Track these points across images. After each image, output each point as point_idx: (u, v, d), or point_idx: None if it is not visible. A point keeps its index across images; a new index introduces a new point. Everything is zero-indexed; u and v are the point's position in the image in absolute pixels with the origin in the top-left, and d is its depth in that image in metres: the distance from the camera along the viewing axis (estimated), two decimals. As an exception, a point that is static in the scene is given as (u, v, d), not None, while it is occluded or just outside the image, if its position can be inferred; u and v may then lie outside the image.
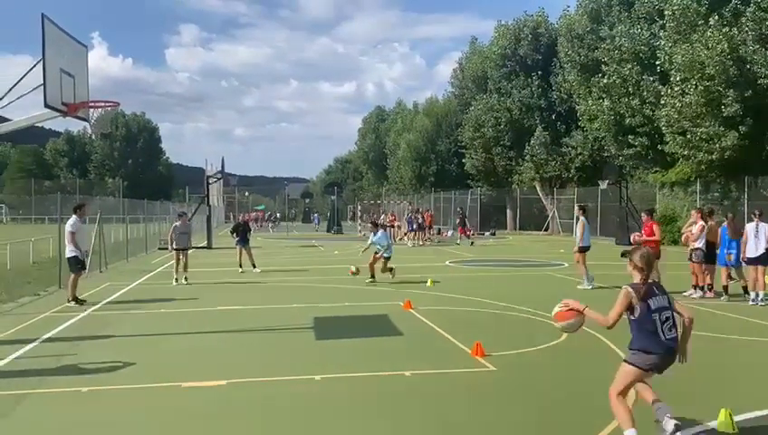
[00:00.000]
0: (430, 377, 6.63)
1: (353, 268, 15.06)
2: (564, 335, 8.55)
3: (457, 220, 32.45)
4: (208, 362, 7.36)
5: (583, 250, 13.89)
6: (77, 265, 11.76)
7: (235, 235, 18.37)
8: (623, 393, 4.80)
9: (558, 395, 5.97)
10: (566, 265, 18.96)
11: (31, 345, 8.09)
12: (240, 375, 6.61)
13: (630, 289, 4.71)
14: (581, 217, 14.18)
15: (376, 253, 14.79)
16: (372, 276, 14.63)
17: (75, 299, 11.53)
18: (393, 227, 32.58)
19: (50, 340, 8.45)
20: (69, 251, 11.81)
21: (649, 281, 4.81)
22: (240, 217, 20.06)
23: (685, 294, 12.35)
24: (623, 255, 5.04)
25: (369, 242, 15.13)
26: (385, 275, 14.70)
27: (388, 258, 14.75)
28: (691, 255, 12.41)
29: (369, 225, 17.09)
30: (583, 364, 7.09)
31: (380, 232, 15.20)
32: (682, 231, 13.71)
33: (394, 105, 76.66)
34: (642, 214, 13.69)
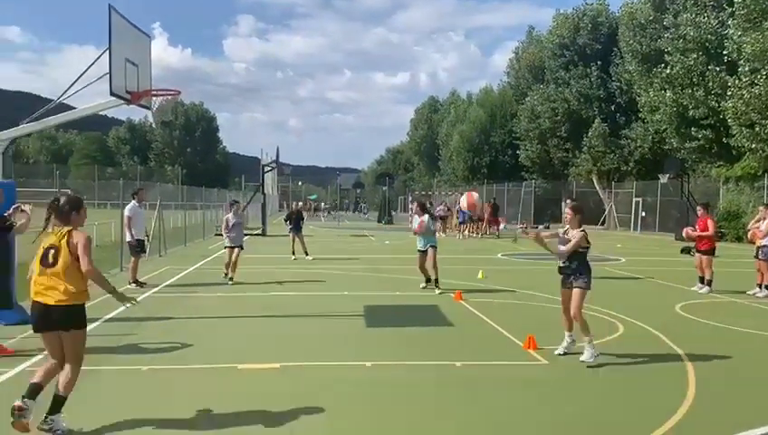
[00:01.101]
0: (481, 368, 6.58)
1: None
2: (621, 330, 8.40)
3: (488, 210, 30.99)
4: (262, 345, 7.50)
5: None
6: (136, 248, 12.17)
7: (288, 223, 18.65)
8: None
9: (612, 391, 5.83)
10: (623, 259, 18.48)
11: (94, 324, 8.41)
12: (293, 359, 6.72)
13: (585, 232, 6.78)
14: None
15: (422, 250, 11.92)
16: (428, 279, 11.97)
17: (136, 281, 11.93)
18: (448, 217, 32.31)
19: (112, 320, 8.76)
20: (127, 235, 12.29)
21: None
22: (293, 206, 20.28)
23: (749, 292, 11.88)
24: (683, 251, 5.07)
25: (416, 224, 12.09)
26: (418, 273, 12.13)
27: (435, 248, 11.89)
28: (758, 252, 11.90)
29: (415, 207, 13.17)
30: (639, 361, 6.91)
31: (427, 218, 12.08)
32: (748, 227, 13.16)
33: (447, 95, 75.97)
34: (698, 207, 13.15)
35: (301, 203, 61.81)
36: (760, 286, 11.88)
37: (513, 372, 6.47)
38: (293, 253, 17.66)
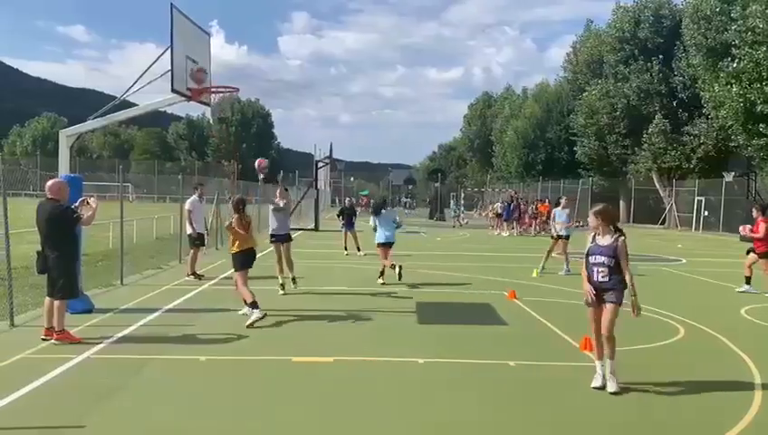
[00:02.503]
0: (536, 369, 6.47)
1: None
2: (682, 332, 8.13)
3: (504, 208, 29.51)
4: (316, 339, 7.57)
5: (563, 238, 14.48)
6: (196, 241, 12.49)
7: (341, 218, 18.80)
8: None
9: (672, 396, 5.64)
10: (684, 260, 17.86)
11: (154, 314, 8.68)
12: (346, 353, 6.75)
13: (623, 236, 5.91)
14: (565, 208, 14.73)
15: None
16: (382, 274, 12.22)
17: (194, 274, 12.23)
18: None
19: (171, 310, 9.02)
20: (187, 228, 12.66)
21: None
22: (345, 202, 20.41)
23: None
24: (749, 252, 4.83)
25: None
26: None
27: (382, 245, 12.34)
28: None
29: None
30: (701, 365, 6.66)
31: (384, 212, 13.03)
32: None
33: (502, 91, 75.01)
34: (753, 209, 12.39)
35: (353, 199, 62.30)
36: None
37: (569, 373, 6.34)
38: (346, 248, 17.80)
